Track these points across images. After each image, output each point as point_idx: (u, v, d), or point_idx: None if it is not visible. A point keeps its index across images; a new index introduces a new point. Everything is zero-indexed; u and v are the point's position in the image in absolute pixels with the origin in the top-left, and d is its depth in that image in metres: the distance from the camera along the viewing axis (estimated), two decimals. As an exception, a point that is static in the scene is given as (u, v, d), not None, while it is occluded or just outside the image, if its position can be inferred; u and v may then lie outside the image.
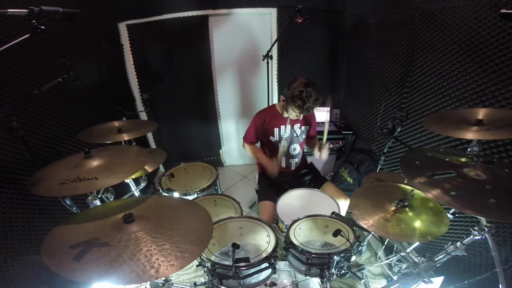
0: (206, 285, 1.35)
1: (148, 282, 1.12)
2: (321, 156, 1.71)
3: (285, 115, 1.76)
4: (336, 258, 1.12)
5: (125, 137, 1.59)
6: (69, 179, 0.98)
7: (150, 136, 3.18)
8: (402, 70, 1.95)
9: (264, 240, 1.27)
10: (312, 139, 1.99)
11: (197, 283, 1.41)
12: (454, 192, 0.89)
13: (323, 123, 1.68)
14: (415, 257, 1.37)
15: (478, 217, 1.05)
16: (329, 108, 2.94)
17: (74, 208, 1.27)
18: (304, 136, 1.86)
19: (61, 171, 1.05)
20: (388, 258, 1.78)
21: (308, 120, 1.85)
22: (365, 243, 1.72)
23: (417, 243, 1.60)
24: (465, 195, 0.88)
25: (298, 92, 1.51)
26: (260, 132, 1.82)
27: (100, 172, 1.03)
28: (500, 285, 1.04)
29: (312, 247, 1.26)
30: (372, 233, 1.21)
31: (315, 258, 1.14)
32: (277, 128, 1.77)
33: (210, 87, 2.99)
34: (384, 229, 1.03)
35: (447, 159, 1.09)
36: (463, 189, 0.90)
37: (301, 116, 1.69)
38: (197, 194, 1.66)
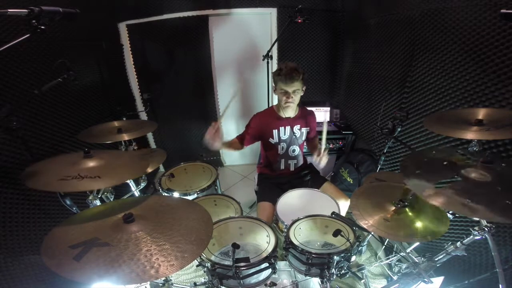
0: (206, 285, 1.35)
1: (148, 282, 1.12)
2: (320, 163, 1.66)
3: (283, 115, 1.76)
4: (336, 258, 1.13)
5: (125, 137, 1.59)
6: (69, 175, 0.97)
7: (150, 136, 3.18)
8: (402, 70, 1.95)
9: (264, 240, 1.27)
10: (312, 141, 1.99)
11: (197, 283, 1.41)
12: (469, 200, 0.85)
13: (322, 123, 1.66)
14: (415, 257, 1.37)
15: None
16: (329, 108, 2.94)
17: (74, 208, 1.27)
18: (303, 138, 1.85)
19: (60, 168, 1.04)
20: (388, 258, 1.78)
21: (309, 121, 1.84)
22: (365, 243, 1.73)
23: (417, 243, 1.61)
24: (481, 201, 0.84)
25: (277, 68, 1.66)
26: (258, 136, 1.81)
27: (102, 172, 1.03)
28: (500, 285, 1.04)
29: (312, 247, 1.26)
30: (372, 233, 1.21)
31: (315, 258, 1.14)
32: (276, 130, 1.75)
33: (210, 87, 2.99)
34: (384, 229, 1.03)
35: (445, 162, 1.08)
36: (475, 194, 0.87)
37: (291, 92, 1.60)
38: (197, 194, 1.66)
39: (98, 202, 1.30)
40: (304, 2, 2.57)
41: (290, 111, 1.75)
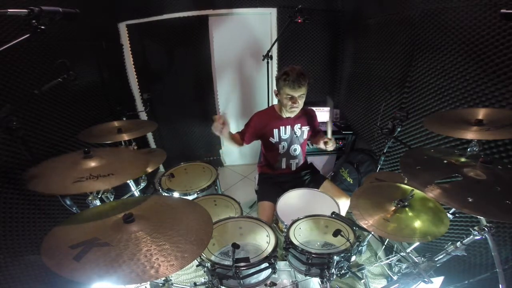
0: (206, 285, 1.35)
1: (148, 282, 1.12)
2: (327, 147, 1.66)
3: (284, 115, 1.76)
4: (336, 258, 1.13)
5: (125, 137, 1.59)
6: (82, 176, 0.98)
7: (150, 136, 3.18)
8: (402, 70, 1.95)
9: (264, 240, 1.27)
10: (318, 133, 1.95)
11: (197, 283, 1.41)
12: (471, 199, 0.85)
13: (324, 123, 1.66)
14: (415, 257, 1.37)
15: (479, 217, 1.05)
16: (329, 108, 2.93)
17: (74, 208, 1.27)
18: (304, 137, 1.85)
19: (67, 170, 1.04)
20: (388, 258, 1.78)
21: (309, 120, 1.84)
22: (365, 243, 1.73)
23: (417, 243, 1.61)
24: (482, 199, 0.85)
25: (282, 72, 1.61)
26: (258, 135, 1.80)
27: (112, 169, 1.04)
28: (500, 285, 1.04)
29: (312, 247, 1.26)
30: (372, 233, 1.21)
31: (315, 258, 1.14)
32: (277, 129, 1.75)
33: (210, 87, 2.99)
34: (384, 229, 1.03)
35: (445, 161, 1.08)
36: (477, 193, 0.88)
37: (297, 96, 1.59)
38: (197, 194, 1.66)
39: (98, 202, 1.30)
40: (304, 2, 2.57)
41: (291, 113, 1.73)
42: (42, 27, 0.93)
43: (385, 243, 1.92)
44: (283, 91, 1.60)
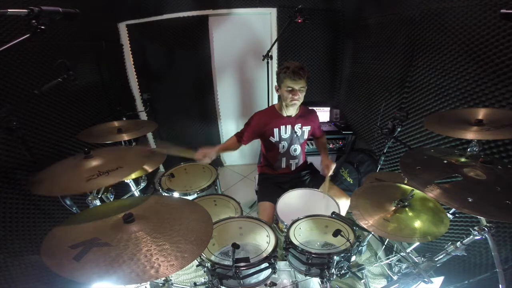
0: (206, 285, 1.35)
1: (148, 282, 1.12)
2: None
3: (284, 113, 1.76)
4: (336, 258, 1.13)
5: (125, 137, 1.59)
6: (93, 174, 0.98)
7: (150, 136, 3.18)
8: (402, 70, 1.95)
9: (264, 240, 1.27)
10: (320, 139, 1.99)
11: (197, 283, 1.41)
12: (471, 199, 0.86)
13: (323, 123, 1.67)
14: (415, 257, 1.37)
15: (479, 217, 1.05)
16: (329, 108, 2.94)
17: (74, 208, 1.27)
18: (305, 137, 1.85)
19: (70, 172, 1.05)
20: (388, 258, 1.78)
21: (310, 120, 1.84)
22: (365, 243, 1.72)
23: (417, 243, 1.60)
24: (482, 199, 0.86)
25: (282, 66, 1.64)
26: (258, 134, 1.81)
27: (119, 163, 1.06)
28: (500, 285, 1.03)
29: (312, 247, 1.26)
30: (372, 233, 1.21)
31: (315, 258, 1.14)
32: (277, 129, 1.75)
33: (210, 87, 2.99)
34: (384, 229, 1.03)
35: (445, 161, 1.09)
36: (477, 193, 0.88)
37: (297, 89, 1.60)
38: (197, 194, 1.66)
39: (98, 202, 1.30)
40: (304, 2, 2.57)
41: (292, 110, 1.74)
42: (42, 27, 0.93)
43: (385, 243, 1.92)
44: (283, 84, 1.62)
